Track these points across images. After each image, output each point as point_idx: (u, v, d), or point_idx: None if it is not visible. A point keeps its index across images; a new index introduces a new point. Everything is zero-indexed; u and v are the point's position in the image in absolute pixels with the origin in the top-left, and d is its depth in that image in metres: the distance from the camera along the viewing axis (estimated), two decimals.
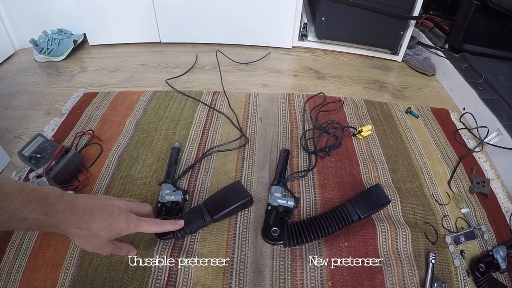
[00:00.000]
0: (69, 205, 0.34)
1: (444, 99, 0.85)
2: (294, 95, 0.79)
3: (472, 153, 0.66)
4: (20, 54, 1.01)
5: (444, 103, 0.83)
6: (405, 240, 0.48)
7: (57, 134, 0.67)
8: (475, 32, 0.89)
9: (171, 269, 0.44)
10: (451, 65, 0.89)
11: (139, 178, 0.56)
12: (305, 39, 1.05)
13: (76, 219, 0.34)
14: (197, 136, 0.65)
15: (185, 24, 1.01)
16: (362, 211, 0.48)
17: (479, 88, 0.78)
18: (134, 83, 0.86)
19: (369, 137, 0.67)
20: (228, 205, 0.47)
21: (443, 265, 0.47)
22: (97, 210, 0.36)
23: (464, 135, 0.71)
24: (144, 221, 0.39)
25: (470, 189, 0.58)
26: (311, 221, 0.47)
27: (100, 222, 0.35)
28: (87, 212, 0.35)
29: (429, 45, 1.02)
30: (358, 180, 0.57)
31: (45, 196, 0.32)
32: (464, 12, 0.89)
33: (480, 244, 0.49)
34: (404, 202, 0.53)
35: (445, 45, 0.98)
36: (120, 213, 0.37)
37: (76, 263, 0.44)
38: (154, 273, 0.44)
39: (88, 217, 0.34)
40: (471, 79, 0.82)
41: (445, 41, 0.98)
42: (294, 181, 0.56)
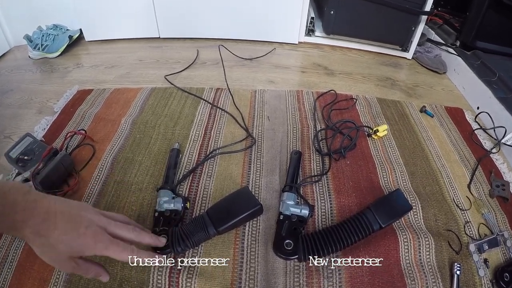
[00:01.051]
0: (31, 206, 0.29)
1: (456, 98, 0.82)
2: (303, 92, 0.75)
3: (489, 154, 0.62)
4: (15, 51, 0.97)
5: (457, 102, 0.79)
6: (428, 250, 0.44)
7: (48, 134, 0.62)
8: (488, 29, 0.86)
9: (171, 286, 0.39)
10: (463, 62, 0.86)
11: (134, 183, 0.51)
12: (312, 35, 1.01)
13: (35, 223, 0.29)
14: (198, 136, 0.61)
15: (186, 19, 0.97)
16: (383, 220, 0.44)
17: (494, 86, 0.75)
18: (131, 79, 0.81)
19: (384, 137, 0.63)
20: (235, 215, 0.42)
21: (467, 276, 0.43)
22: (62, 218, 0.30)
23: (479, 135, 0.68)
24: (116, 244, 0.32)
25: (490, 193, 0.54)
26: (328, 232, 0.42)
27: (61, 232, 0.29)
28: (50, 217, 0.30)
29: (439, 42, 0.98)
30: (376, 184, 0.53)
31: (4, 193, 0.28)
32: (477, 8, 0.86)
33: (503, 251, 0.46)
34: (425, 208, 0.50)
35: (456, 42, 0.95)
36: (89, 227, 0.31)
37: (65, 279, 0.39)
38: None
39: (49, 223, 0.29)
40: (485, 77, 0.78)
41: (456, 38, 0.95)
42: (307, 186, 0.52)
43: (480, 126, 0.69)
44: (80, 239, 0.30)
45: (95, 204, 0.48)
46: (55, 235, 0.29)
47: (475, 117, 0.72)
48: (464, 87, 0.84)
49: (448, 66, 0.91)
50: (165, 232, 0.42)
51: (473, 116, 0.73)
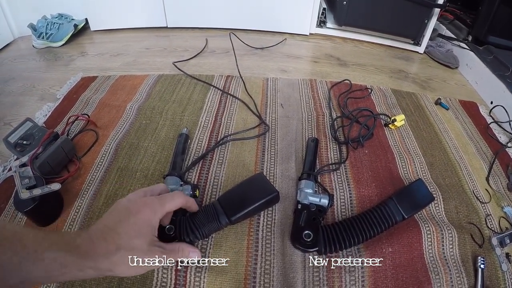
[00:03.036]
0: (86, 235, 0.28)
1: (470, 92, 0.80)
2: (316, 81, 0.73)
3: (505, 148, 0.61)
4: (19, 42, 0.95)
5: (471, 96, 0.77)
6: (451, 243, 0.42)
7: (50, 120, 0.60)
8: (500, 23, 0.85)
9: (177, 284, 0.36)
10: (476, 57, 0.84)
11: (139, 170, 0.48)
12: (324, 26, 0.99)
13: (100, 245, 0.28)
14: (208, 123, 0.58)
15: (194, 7, 0.94)
16: (406, 210, 0.41)
17: (508, 80, 0.73)
18: (137, 67, 0.79)
19: (401, 128, 0.61)
20: (250, 203, 0.39)
21: (490, 271, 0.41)
22: (111, 221, 0.30)
23: (494, 129, 0.66)
24: (165, 196, 0.33)
25: (508, 186, 0.53)
26: (350, 223, 0.40)
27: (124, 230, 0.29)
28: (105, 230, 0.29)
29: (451, 37, 0.97)
30: (395, 174, 0.50)
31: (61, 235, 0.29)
32: (489, 2, 0.84)
33: None
34: (446, 200, 0.47)
35: (468, 37, 0.94)
36: (135, 204, 0.31)
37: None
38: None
39: (110, 235, 0.29)
40: (498, 71, 0.77)
41: (468, 33, 0.94)
42: (324, 175, 0.49)
43: (494, 120, 0.68)
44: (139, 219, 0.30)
45: (96, 192, 0.45)
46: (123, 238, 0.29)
47: (490, 111, 0.70)
48: (477, 82, 0.82)
49: (460, 61, 0.90)
50: (172, 221, 0.38)
51: (487, 110, 0.71)
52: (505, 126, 0.66)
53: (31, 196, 0.38)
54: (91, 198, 0.44)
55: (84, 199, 0.44)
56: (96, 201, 0.44)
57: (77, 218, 0.42)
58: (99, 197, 0.44)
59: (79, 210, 0.43)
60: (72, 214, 0.42)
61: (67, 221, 0.41)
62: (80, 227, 0.41)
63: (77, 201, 0.44)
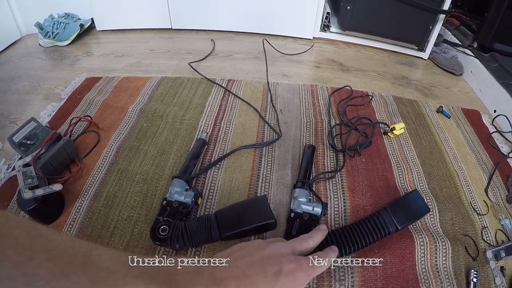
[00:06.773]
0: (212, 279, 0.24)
1: (473, 100, 0.79)
2: (317, 87, 0.73)
3: (506, 158, 0.60)
4: (26, 39, 0.97)
5: (474, 104, 0.76)
6: (445, 255, 0.42)
7: (54, 120, 0.61)
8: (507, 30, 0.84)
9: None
10: (480, 64, 0.83)
11: (138, 173, 0.49)
12: (327, 30, 0.98)
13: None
14: (208, 127, 0.59)
15: (199, 10, 0.95)
16: (400, 221, 0.41)
17: None
18: (141, 68, 0.80)
19: (401, 136, 0.60)
20: (244, 224, 0.38)
21: (483, 284, 0.41)
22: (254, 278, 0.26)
23: (496, 139, 0.65)
24: (318, 267, 0.30)
25: (508, 198, 0.52)
26: (342, 232, 0.40)
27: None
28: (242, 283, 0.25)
29: (456, 43, 0.95)
30: (391, 184, 0.50)
31: (169, 273, 0.24)
32: (496, 9, 0.83)
33: None
34: (442, 211, 0.47)
35: (473, 44, 0.92)
36: (289, 264, 0.28)
37: None
38: None
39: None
40: (503, 79, 0.76)
41: (473, 40, 0.92)
42: (320, 183, 0.50)
43: (497, 129, 0.67)
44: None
45: (96, 193, 0.46)
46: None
47: (492, 120, 0.70)
48: (481, 90, 0.81)
49: (464, 68, 0.89)
50: (168, 223, 0.39)
51: (490, 119, 0.70)
52: (507, 136, 0.65)
53: (34, 196, 0.40)
54: (91, 199, 0.45)
55: (84, 199, 0.45)
56: (96, 202, 0.45)
57: (78, 218, 0.43)
58: (99, 198, 0.46)
59: (80, 211, 0.44)
60: (73, 214, 0.43)
61: (68, 221, 0.43)
62: (80, 227, 0.42)
63: (78, 202, 0.45)
